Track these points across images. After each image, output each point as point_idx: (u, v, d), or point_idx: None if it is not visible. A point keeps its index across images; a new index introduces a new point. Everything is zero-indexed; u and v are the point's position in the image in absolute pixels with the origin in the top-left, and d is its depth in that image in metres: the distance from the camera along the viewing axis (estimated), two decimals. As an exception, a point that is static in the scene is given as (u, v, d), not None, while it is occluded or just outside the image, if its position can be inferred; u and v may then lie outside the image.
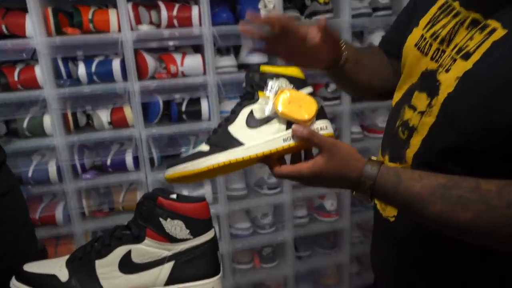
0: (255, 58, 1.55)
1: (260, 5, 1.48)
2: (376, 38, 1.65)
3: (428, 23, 0.73)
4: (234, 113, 0.67)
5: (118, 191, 1.55)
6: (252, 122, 0.65)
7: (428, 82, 0.68)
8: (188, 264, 0.60)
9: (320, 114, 0.66)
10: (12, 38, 1.32)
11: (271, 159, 0.65)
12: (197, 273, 0.60)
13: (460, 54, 0.63)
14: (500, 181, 0.56)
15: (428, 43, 0.71)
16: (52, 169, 1.42)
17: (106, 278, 0.58)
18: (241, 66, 1.57)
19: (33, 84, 1.37)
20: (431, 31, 0.71)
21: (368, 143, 1.75)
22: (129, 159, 1.49)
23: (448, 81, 0.63)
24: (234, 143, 0.64)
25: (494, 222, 0.56)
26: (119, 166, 1.50)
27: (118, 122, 1.47)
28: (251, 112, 0.66)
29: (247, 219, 1.73)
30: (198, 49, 1.54)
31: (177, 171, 0.65)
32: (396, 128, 0.74)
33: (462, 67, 0.62)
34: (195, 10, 1.43)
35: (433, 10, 0.73)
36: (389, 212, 0.78)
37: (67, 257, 0.61)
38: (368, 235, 1.87)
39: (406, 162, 0.71)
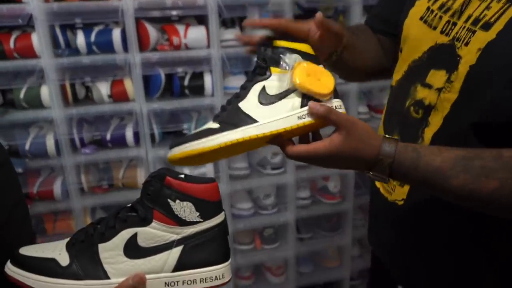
0: (262, 32, 1.48)
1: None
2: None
3: None
4: (245, 89, 0.63)
5: (118, 167, 1.51)
6: (265, 98, 0.61)
7: (444, 58, 0.64)
8: (198, 249, 0.56)
9: (334, 93, 0.62)
10: (7, 3, 1.25)
11: (282, 139, 0.61)
12: (207, 258, 0.56)
13: (479, 25, 0.60)
14: None
15: (438, 16, 0.67)
16: (50, 142, 1.38)
17: (110, 263, 0.54)
18: (247, 40, 1.51)
19: (30, 53, 1.30)
20: (438, 2, 0.68)
21: (375, 123, 1.70)
22: (129, 134, 1.44)
23: (469, 54, 0.60)
24: (247, 120, 0.60)
25: None
26: (119, 142, 1.45)
27: (118, 95, 1.41)
28: (263, 88, 0.61)
29: (249, 199, 1.69)
30: (201, 20, 1.48)
31: (184, 150, 0.60)
32: (407, 108, 0.71)
33: (483, 38, 0.58)
34: (200, -21, 1.36)
35: None
36: (397, 196, 0.75)
37: (67, 240, 0.57)
38: (371, 218, 1.85)
39: (423, 141, 0.69)
